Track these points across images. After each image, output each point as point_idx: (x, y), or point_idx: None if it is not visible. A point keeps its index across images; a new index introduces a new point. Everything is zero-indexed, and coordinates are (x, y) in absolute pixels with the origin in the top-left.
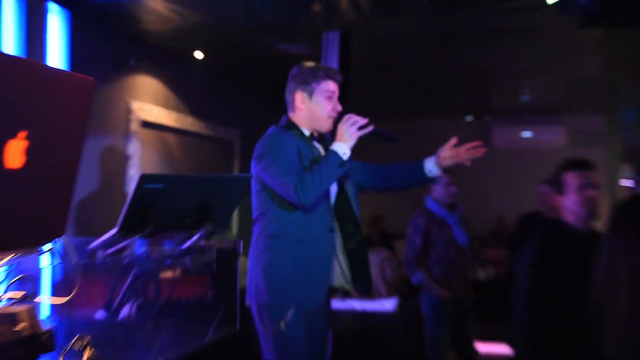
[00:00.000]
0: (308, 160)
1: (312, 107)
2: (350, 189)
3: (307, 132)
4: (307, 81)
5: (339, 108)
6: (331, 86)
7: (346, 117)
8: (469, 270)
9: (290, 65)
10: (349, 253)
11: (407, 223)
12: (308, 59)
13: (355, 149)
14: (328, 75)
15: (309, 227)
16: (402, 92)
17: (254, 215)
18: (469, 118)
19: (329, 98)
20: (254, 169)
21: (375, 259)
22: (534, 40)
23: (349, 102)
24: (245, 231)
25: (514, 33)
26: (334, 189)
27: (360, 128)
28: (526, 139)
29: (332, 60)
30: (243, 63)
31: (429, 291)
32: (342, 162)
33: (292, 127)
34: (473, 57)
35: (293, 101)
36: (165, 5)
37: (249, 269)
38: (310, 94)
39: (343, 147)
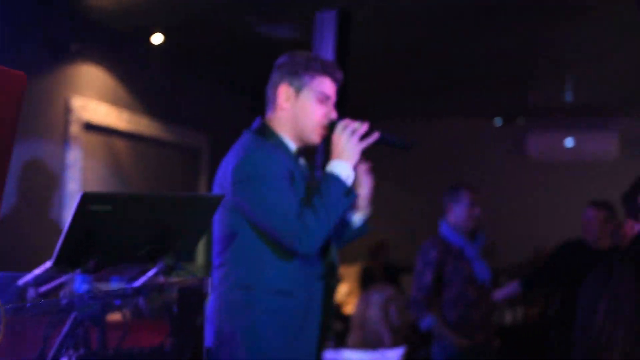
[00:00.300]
0: (302, 188)
1: (299, 108)
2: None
3: (290, 144)
4: (297, 72)
5: (333, 115)
6: (327, 86)
7: (341, 124)
8: (492, 313)
9: (274, 52)
10: (326, 307)
11: (417, 253)
12: (296, 45)
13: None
14: (325, 71)
15: (296, 274)
16: (414, 86)
17: (218, 256)
18: (497, 121)
19: (322, 101)
20: (231, 196)
21: (377, 299)
22: (582, 21)
23: (347, 102)
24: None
25: (557, 11)
26: None
27: (363, 136)
28: (569, 148)
29: (327, 46)
30: (214, 49)
31: (442, 339)
32: (347, 190)
33: (269, 134)
34: (504, 41)
35: (275, 97)
36: None
37: (216, 327)
38: (299, 90)
39: (344, 168)
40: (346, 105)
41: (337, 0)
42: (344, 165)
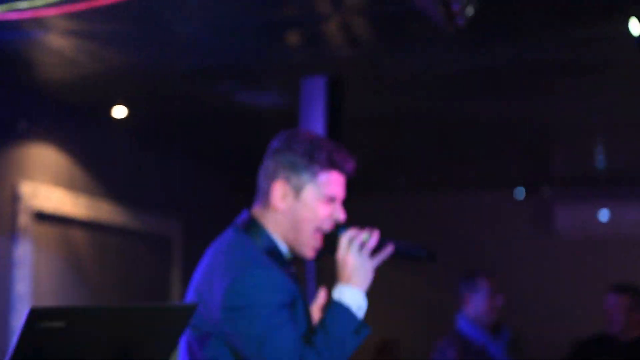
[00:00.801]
0: (304, 314)
1: (296, 212)
2: None
3: (283, 248)
4: (297, 167)
5: (341, 217)
6: (334, 184)
7: (346, 236)
8: None
9: (255, 122)
10: None
11: (431, 354)
12: (280, 113)
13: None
14: (333, 164)
15: None
16: (420, 156)
17: None
18: (519, 192)
19: (329, 201)
20: (218, 321)
21: None
22: (611, 81)
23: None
24: None
25: (583, 71)
26: None
27: (375, 250)
28: (604, 222)
29: (316, 116)
30: (185, 122)
31: None
32: (358, 327)
33: (258, 234)
34: (521, 103)
35: (268, 193)
36: (70, 43)
37: None
38: (298, 190)
39: (356, 295)
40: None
41: (324, 66)
42: (355, 292)
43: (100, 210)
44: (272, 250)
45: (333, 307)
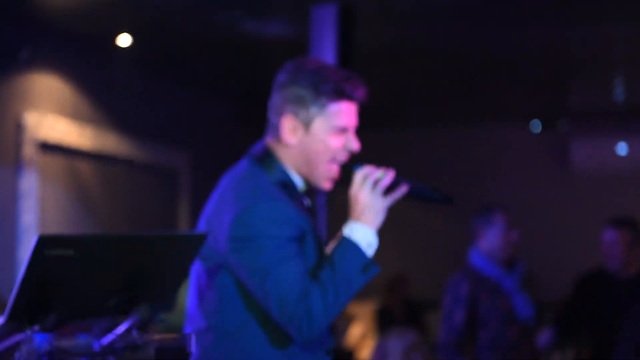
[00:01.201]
0: (314, 246)
1: (308, 146)
2: None
3: (298, 181)
4: (304, 100)
5: (354, 147)
6: (345, 114)
7: (360, 173)
8: (537, 356)
9: (263, 52)
10: None
11: (444, 288)
12: (290, 43)
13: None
14: (342, 94)
15: (299, 350)
16: (434, 90)
17: (208, 315)
18: (535, 126)
19: (341, 132)
20: (225, 252)
21: (396, 347)
22: (633, 10)
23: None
24: None
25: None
26: None
27: (388, 189)
28: (621, 156)
29: (326, 46)
30: (192, 51)
31: None
32: (367, 265)
33: (273, 166)
34: (539, 35)
35: (278, 128)
36: None
37: None
38: (307, 124)
39: (366, 233)
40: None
41: None
42: (366, 229)
43: (106, 142)
44: (286, 183)
45: (342, 244)
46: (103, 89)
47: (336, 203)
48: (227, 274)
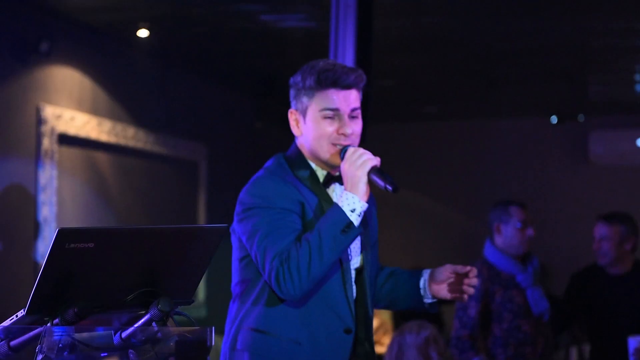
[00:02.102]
0: (317, 221)
1: (309, 132)
2: (368, 264)
3: (319, 171)
4: (299, 95)
5: (347, 131)
6: (332, 98)
7: (350, 149)
8: (552, 352)
9: (284, 44)
10: None
11: None
12: (310, 35)
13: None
14: (325, 84)
15: (311, 321)
16: (453, 82)
17: (234, 287)
18: (553, 119)
19: (331, 117)
20: (237, 227)
21: (413, 341)
22: None
23: (370, 104)
24: (219, 307)
25: None
26: (355, 261)
27: (378, 171)
28: None
29: (347, 36)
30: (211, 44)
31: None
32: (346, 226)
33: (299, 161)
34: (557, 26)
35: (290, 124)
36: None
37: None
38: (304, 113)
39: (350, 199)
40: (368, 108)
41: None
42: (351, 196)
43: (125, 135)
44: (307, 175)
45: (329, 209)
46: (121, 81)
47: None
48: (243, 246)
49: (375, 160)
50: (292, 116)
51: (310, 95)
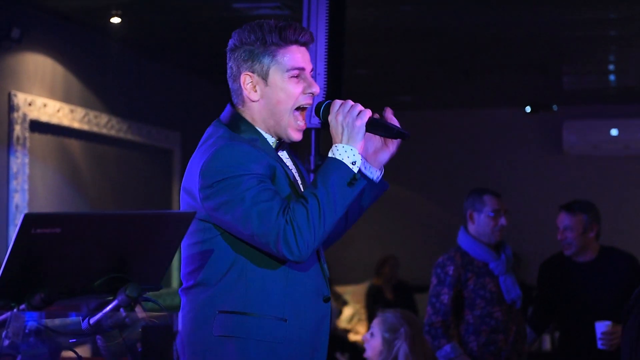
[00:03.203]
0: (287, 186)
1: (271, 96)
2: None
3: (268, 137)
4: (256, 56)
5: (315, 90)
6: (296, 55)
7: (336, 102)
8: (525, 339)
9: None
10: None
11: (432, 269)
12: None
13: None
14: (287, 39)
15: (294, 295)
16: (427, 72)
17: (189, 274)
18: (527, 108)
19: (297, 75)
20: (202, 204)
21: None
22: None
23: (342, 91)
24: None
25: None
26: None
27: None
28: (613, 138)
29: (319, 24)
30: (184, 31)
31: None
32: (352, 179)
33: (243, 126)
34: (533, 13)
35: (240, 90)
36: None
37: None
38: (265, 75)
39: (349, 151)
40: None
41: None
42: (348, 148)
43: (97, 122)
44: (257, 140)
45: (325, 163)
46: (94, 68)
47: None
48: (208, 226)
49: (369, 112)
50: (249, 80)
51: (273, 55)
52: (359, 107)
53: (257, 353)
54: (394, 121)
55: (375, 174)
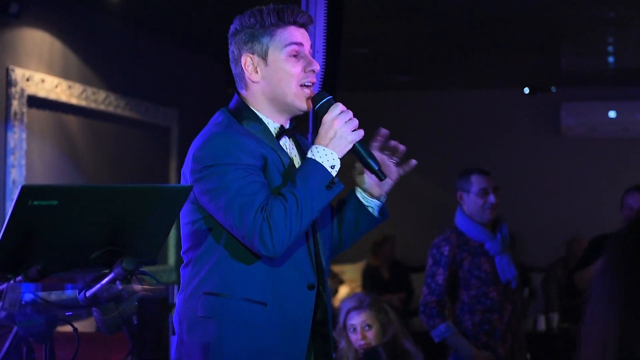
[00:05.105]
0: (280, 176)
1: (272, 74)
2: (320, 215)
3: (271, 123)
4: (255, 37)
5: (316, 67)
6: (294, 34)
7: (338, 106)
8: (520, 319)
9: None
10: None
11: (429, 249)
12: (283, 1)
13: None
14: (285, 20)
15: (277, 281)
16: (425, 52)
17: (184, 253)
18: (526, 90)
19: (295, 53)
20: (194, 188)
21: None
22: None
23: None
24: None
25: None
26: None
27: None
28: (611, 120)
29: (318, 2)
30: (183, 8)
31: (459, 352)
32: (330, 182)
33: (247, 114)
34: None
35: (242, 74)
36: None
37: (177, 338)
38: (264, 55)
39: (329, 154)
40: (338, 76)
41: None
42: (330, 153)
43: (96, 98)
44: (259, 128)
45: (305, 164)
46: (92, 44)
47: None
48: (199, 208)
49: (362, 133)
50: (250, 61)
51: (271, 34)
52: (356, 123)
53: (235, 335)
54: (381, 157)
55: (375, 205)
